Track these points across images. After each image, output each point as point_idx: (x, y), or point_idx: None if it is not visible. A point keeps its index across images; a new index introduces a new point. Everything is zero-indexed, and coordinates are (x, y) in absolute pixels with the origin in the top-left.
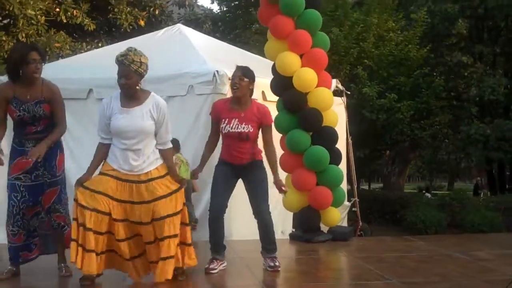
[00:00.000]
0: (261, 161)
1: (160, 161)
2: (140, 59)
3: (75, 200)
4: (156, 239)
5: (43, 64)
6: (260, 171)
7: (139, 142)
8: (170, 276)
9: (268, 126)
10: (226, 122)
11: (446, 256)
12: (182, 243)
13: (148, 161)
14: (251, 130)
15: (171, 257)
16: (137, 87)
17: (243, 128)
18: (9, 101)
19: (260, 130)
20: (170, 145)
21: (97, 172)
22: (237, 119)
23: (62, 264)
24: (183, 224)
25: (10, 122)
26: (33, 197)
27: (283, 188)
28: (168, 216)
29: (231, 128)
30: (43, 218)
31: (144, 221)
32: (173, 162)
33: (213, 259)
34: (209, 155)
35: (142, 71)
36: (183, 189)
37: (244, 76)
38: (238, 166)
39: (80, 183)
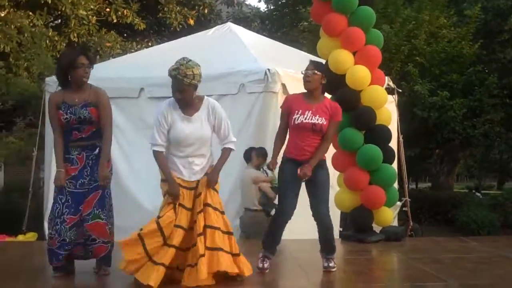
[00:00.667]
0: (325, 161)
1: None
2: (192, 71)
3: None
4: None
5: (91, 68)
6: (323, 172)
7: (199, 148)
8: (223, 268)
9: (335, 122)
10: (299, 113)
11: (503, 258)
12: (234, 254)
13: (207, 168)
14: (324, 123)
15: (221, 248)
16: (194, 97)
17: (317, 120)
18: (58, 107)
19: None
20: (232, 145)
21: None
22: (310, 111)
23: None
24: (228, 233)
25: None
26: (75, 204)
27: (301, 174)
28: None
29: (305, 119)
30: (80, 228)
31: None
32: (225, 160)
33: (265, 258)
34: (280, 148)
35: (196, 82)
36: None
37: (316, 69)
38: (301, 163)
39: (174, 194)
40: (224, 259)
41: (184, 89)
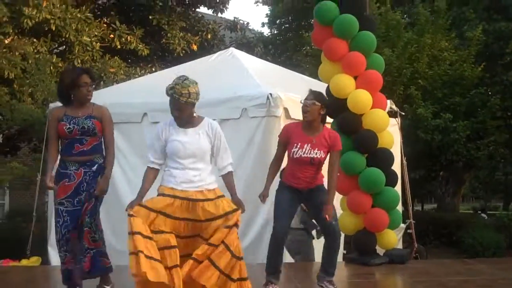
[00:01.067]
0: (323, 185)
1: (215, 185)
2: (188, 90)
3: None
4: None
5: (93, 86)
6: (323, 193)
7: (197, 161)
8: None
9: (336, 151)
10: (298, 146)
11: (509, 280)
12: (240, 279)
13: (206, 181)
14: (322, 156)
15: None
16: (194, 114)
17: (316, 154)
18: (60, 119)
19: (328, 154)
20: (231, 169)
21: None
22: (309, 144)
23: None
24: (237, 257)
25: None
26: (73, 222)
27: (327, 217)
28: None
29: (303, 153)
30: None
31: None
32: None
33: (270, 283)
34: (273, 178)
35: (193, 100)
36: (238, 212)
37: (316, 100)
38: (303, 191)
39: (131, 206)
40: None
41: (181, 108)
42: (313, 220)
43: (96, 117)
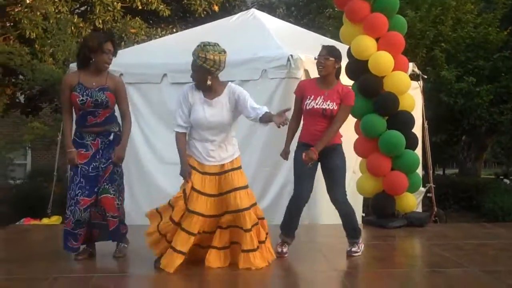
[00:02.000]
0: (340, 145)
1: (236, 154)
2: (205, 55)
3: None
4: (230, 227)
5: (114, 56)
6: (338, 156)
7: (218, 133)
8: (259, 266)
9: (346, 106)
10: (311, 98)
11: None
12: (260, 242)
13: (227, 153)
14: (335, 108)
15: (254, 249)
16: (208, 82)
17: (328, 105)
18: (73, 89)
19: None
20: (263, 111)
21: None
22: (322, 97)
23: (121, 244)
24: (260, 218)
25: None
26: (89, 186)
27: (306, 159)
28: (243, 210)
29: (316, 104)
30: (95, 208)
31: (219, 212)
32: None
33: (284, 243)
34: (293, 134)
35: (208, 66)
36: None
37: (329, 55)
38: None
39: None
40: (256, 259)
41: (195, 69)
42: None
43: (109, 88)
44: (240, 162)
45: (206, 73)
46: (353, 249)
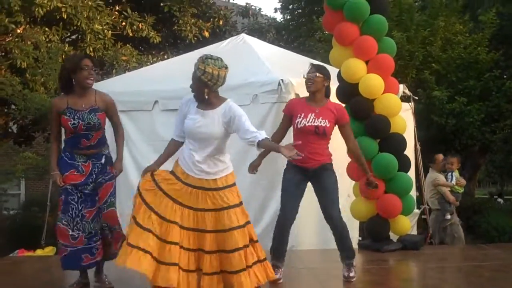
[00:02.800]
0: (331, 164)
1: (229, 170)
2: (204, 68)
3: (138, 191)
4: (220, 251)
5: (96, 71)
6: (331, 175)
7: (207, 146)
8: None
9: (345, 123)
10: (302, 116)
11: None
12: (259, 261)
13: (216, 168)
14: (327, 125)
15: (244, 269)
16: (205, 95)
17: (320, 122)
18: (62, 112)
19: (339, 129)
20: (263, 136)
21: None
22: (313, 114)
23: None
24: (252, 241)
25: None
26: (90, 197)
27: (375, 186)
28: (235, 228)
29: (307, 122)
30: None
31: (207, 229)
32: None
33: (276, 267)
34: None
35: (205, 79)
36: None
37: (317, 72)
38: (309, 170)
39: (146, 170)
40: (246, 280)
41: (194, 80)
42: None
43: (100, 109)
44: (234, 179)
45: (203, 86)
46: (351, 274)
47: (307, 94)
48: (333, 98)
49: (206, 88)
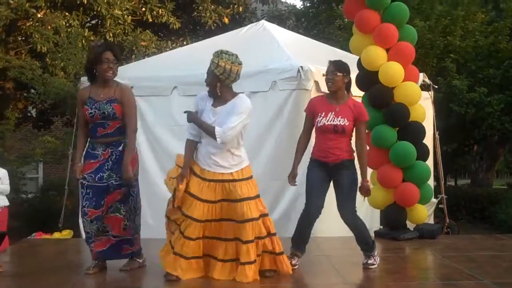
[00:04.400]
0: (352, 162)
1: (245, 164)
2: (218, 61)
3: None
4: (236, 239)
5: (117, 64)
6: (349, 172)
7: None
8: (249, 279)
9: (362, 121)
10: (322, 115)
11: None
12: (272, 252)
13: (232, 162)
14: (346, 124)
15: (250, 262)
16: (217, 89)
17: (339, 121)
18: (84, 103)
19: (354, 126)
20: (221, 131)
21: None
22: (333, 113)
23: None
24: (270, 234)
25: None
26: (96, 197)
27: (366, 193)
28: (249, 220)
29: (327, 121)
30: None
31: (219, 217)
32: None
33: (295, 255)
34: (301, 154)
35: (218, 73)
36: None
37: (337, 70)
38: (331, 165)
39: (182, 179)
40: (250, 272)
41: (207, 74)
42: None
43: (116, 100)
44: (250, 172)
45: (215, 79)
46: (369, 261)
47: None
48: (353, 86)
49: (219, 82)
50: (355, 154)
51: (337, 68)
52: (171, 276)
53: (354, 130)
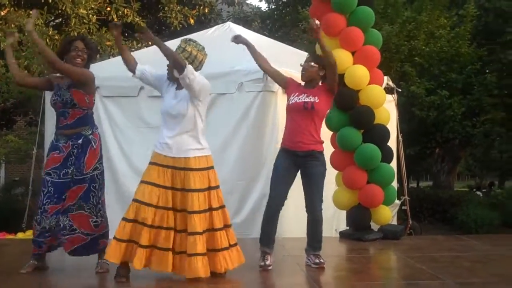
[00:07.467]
0: (322, 153)
1: (204, 153)
2: (185, 47)
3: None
4: (186, 231)
5: (86, 53)
6: (319, 165)
7: (179, 123)
8: (200, 275)
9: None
10: (295, 95)
11: (501, 256)
12: (231, 245)
13: (188, 146)
14: (316, 101)
15: (198, 254)
16: (174, 73)
17: (310, 98)
18: (51, 85)
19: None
20: (185, 71)
21: None
22: (305, 94)
23: (99, 261)
24: (226, 226)
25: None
26: (57, 193)
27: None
28: (197, 212)
29: (298, 99)
30: (61, 216)
31: (178, 208)
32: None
33: (265, 254)
34: (259, 55)
35: (183, 57)
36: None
37: (313, 61)
38: (299, 154)
39: None
40: (199, 264)
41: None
42: None
43: (74, 84)
44: (207, 163)
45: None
46: (321, 260)
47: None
48: None
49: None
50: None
51: (314, 59)
52: (120, 276)
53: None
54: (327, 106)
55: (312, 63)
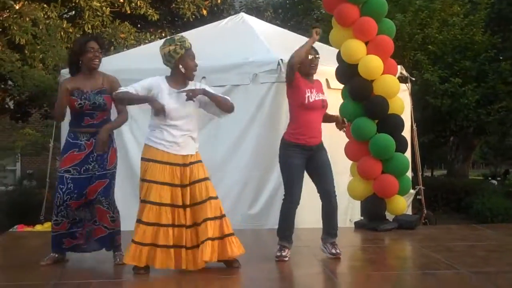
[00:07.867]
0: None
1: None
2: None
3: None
4: (195, 224)
5: (102, 54)
6: (324, 152)
7: (185, 124)
8: (206, 258)
9: None
10: (309, 91)
11: None
12: (227, 235)
13: (194, 145)
14: (325, 98)
15: (208, 239)
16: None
17: (320, 96)
18: (71, 94)
19: None
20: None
21: None
22: (314, 89)
23: (116, 253)
24: (223, 215)
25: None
26: (78, 189)
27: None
28: (212, 198)
29: (316, 97)
30: (86, 210)
31: (188, 203)
32: None
33: (284, 247)
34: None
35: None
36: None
37: (318, 54)
38: (313, 148)
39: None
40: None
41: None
42: None
43: (106, 90)
44: (200, 156)
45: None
46: (338, 250)
47: None
48: (332, 78)
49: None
50: (335, 142)
51: (317, 51)
52: (138, 269)
53: None
54: None
55: (318, 56)
